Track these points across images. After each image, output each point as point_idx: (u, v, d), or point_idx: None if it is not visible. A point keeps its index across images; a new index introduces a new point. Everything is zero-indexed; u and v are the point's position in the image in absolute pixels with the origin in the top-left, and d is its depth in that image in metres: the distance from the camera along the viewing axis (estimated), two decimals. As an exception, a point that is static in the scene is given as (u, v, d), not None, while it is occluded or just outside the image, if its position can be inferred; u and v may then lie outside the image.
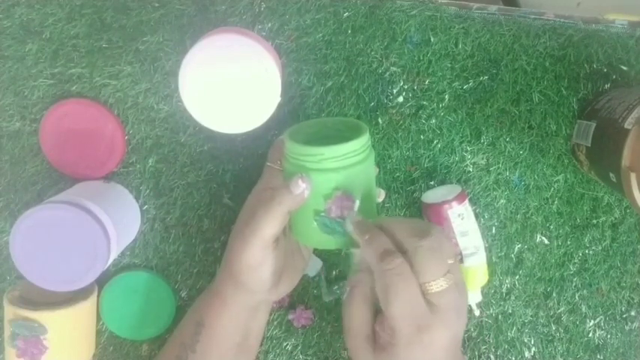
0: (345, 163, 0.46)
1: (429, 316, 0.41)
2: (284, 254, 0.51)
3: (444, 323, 0.41)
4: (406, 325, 0.41)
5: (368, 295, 0.44)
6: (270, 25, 0.58)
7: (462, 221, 0.58)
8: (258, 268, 0.49)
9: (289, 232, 0.51)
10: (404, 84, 0.60)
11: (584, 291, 0.64)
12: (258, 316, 0.55)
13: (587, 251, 0.63)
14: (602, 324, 0.64)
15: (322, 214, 0.46)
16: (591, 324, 0.64)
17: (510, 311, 0.64)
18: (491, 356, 0.65)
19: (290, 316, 0.63)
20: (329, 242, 0.48)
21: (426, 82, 0.60)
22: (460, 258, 0.58)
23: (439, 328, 0.41)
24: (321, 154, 0.46)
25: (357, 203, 0.46)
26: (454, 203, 0.57)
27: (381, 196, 0.53)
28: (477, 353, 0.64)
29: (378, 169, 0.58)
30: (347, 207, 0.46)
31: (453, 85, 0.60)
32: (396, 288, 0.40)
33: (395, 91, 0.60)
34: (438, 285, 0.41)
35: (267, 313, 0.57)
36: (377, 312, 0.44)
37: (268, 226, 0.47)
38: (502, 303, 0.64)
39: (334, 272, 0.63)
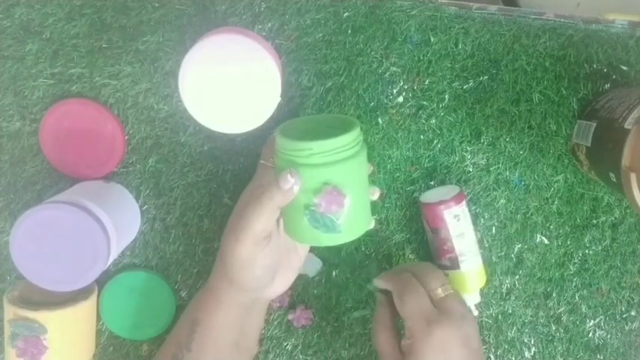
0: (334, 158, 0.45)
1: (437, 315, 0.49)
2: (277, 251, 0.51)
3: (451, 321, 0.48)
4: (418, 320, 0.49)
5: (389, 324, 0.53)
6: (270, 25, 0.58)
7: (458, 222, 0.57)
8: (250, 265, 0.49)
9: (283, 230, 0.51)
10: (404, 84, 0.60)
11: (584, 291, 0.64)
12: (253, 314, 0.55)
13: (587, 251, 0.63)
14: (602, 324, 0.64)
15: (312, 208, 0.46)
16: (591, 324, 0.64)
17: (510, 311, 0.64)
18: (491, 356, 0.65)
19: (290, 316, 0.63)
20: (320, 239, 0.47)
21: (426, 82, 0.60)
22: (456, 261, 0.58)
23: (446, 324, 0.48)
24: (309, 148, 0.45)
25: (348, 198, 0.46)
26: (451, 203, 0.57)
27: (375, 194, 0.52)
28: (476, 353, 0.64)
29: (372, 168, 0.58)
30: (337, 202, 0.46)
31: (453, 85, 0.60)
32: (407, 292, 0.51)
33: (395, 91, 0.60)
34: (438, 293, 0.51)
35: (263, 312, 0.57)
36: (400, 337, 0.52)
37: (259, 222, 0.47)
38: (502, 303, 0.64)
39: (334, 272, 0.63)
